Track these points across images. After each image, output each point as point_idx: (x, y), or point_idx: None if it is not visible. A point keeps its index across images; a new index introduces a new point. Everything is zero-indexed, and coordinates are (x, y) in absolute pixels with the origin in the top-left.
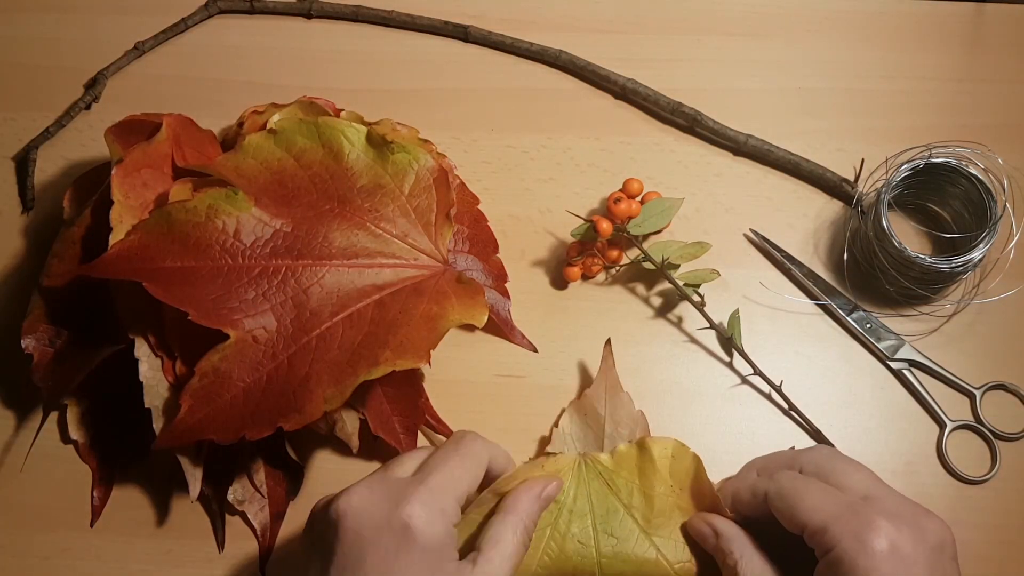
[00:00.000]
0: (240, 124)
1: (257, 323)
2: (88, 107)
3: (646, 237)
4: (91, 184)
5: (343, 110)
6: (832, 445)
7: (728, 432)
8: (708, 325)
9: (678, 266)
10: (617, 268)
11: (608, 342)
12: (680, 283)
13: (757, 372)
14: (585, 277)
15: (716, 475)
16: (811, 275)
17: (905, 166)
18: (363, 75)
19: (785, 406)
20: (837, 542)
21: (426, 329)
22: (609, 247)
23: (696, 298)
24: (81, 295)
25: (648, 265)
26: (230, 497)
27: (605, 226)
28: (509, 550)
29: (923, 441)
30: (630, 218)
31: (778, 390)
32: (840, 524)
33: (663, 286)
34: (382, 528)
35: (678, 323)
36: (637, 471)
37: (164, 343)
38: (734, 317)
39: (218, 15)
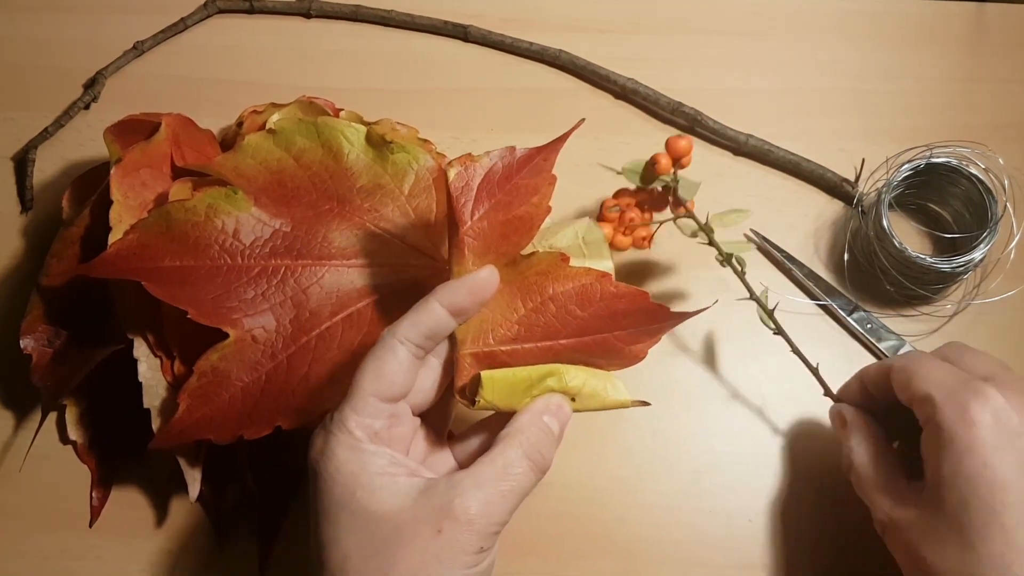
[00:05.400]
0: (239, 124)
1: (256, 323)
2: (87, 107)
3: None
4: (90, 184)
5: (342, 110)
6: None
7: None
8: (748, 296)
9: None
10: (658, 225)
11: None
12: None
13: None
14: (622, 242)
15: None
16: (811, 275)
17: (906, 166)
18: (363, 75)
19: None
20: (938, 409)
21: None
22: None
23: (737, 266)
24: (80, 295)
25: (688, 225)
26: (229, 497)
27: (664, 163)
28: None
29: None
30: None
31: (798, 353)
32: (945, 392)
33: (667, 283)
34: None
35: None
36: None
37: (163, 343)
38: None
39: (217, 15)
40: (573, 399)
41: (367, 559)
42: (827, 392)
